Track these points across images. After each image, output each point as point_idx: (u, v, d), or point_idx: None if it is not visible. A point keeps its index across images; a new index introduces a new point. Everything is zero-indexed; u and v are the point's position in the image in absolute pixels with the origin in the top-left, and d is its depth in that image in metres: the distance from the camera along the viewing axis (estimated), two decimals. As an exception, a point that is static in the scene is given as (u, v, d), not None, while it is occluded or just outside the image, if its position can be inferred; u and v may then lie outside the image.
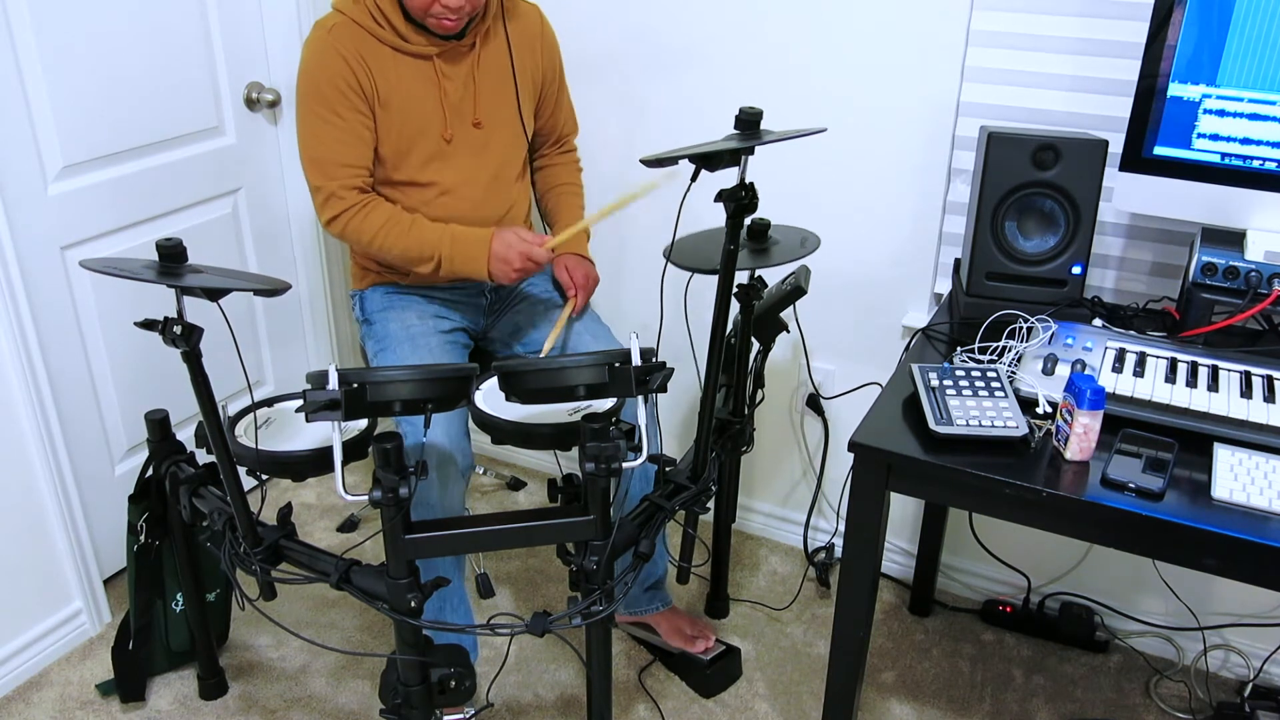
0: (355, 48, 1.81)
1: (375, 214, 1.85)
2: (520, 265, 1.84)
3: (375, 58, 1.83)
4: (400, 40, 1.84)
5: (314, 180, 1.84)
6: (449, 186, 1.94)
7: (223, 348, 2.42)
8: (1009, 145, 1.69)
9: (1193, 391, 1.50)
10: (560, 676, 2.10)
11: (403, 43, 1.84)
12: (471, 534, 1.52)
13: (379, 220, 1.85)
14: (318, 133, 1.82)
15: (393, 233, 1.85)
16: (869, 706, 2.04)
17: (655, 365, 1.47)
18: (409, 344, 1.91)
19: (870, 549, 1.55)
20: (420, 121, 1.88)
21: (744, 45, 2.11)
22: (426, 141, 1.90)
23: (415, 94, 1.87)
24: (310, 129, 1.83)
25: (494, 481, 2.75)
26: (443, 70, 1.88)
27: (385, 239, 1.85)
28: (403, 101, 1.86)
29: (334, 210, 1.84)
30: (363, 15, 1.82)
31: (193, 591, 1.94)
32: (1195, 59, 1.58)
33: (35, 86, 1.95)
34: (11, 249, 1.92)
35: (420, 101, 1.88)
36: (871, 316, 2.20)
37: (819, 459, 2.41)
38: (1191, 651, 2.14)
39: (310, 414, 1.34)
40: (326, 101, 1.81)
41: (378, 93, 1.84)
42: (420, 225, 1.87)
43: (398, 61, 1.85)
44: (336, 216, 1.85)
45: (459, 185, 1.94)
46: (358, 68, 1.81)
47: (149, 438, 1.81)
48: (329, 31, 1.82)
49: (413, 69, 1.86)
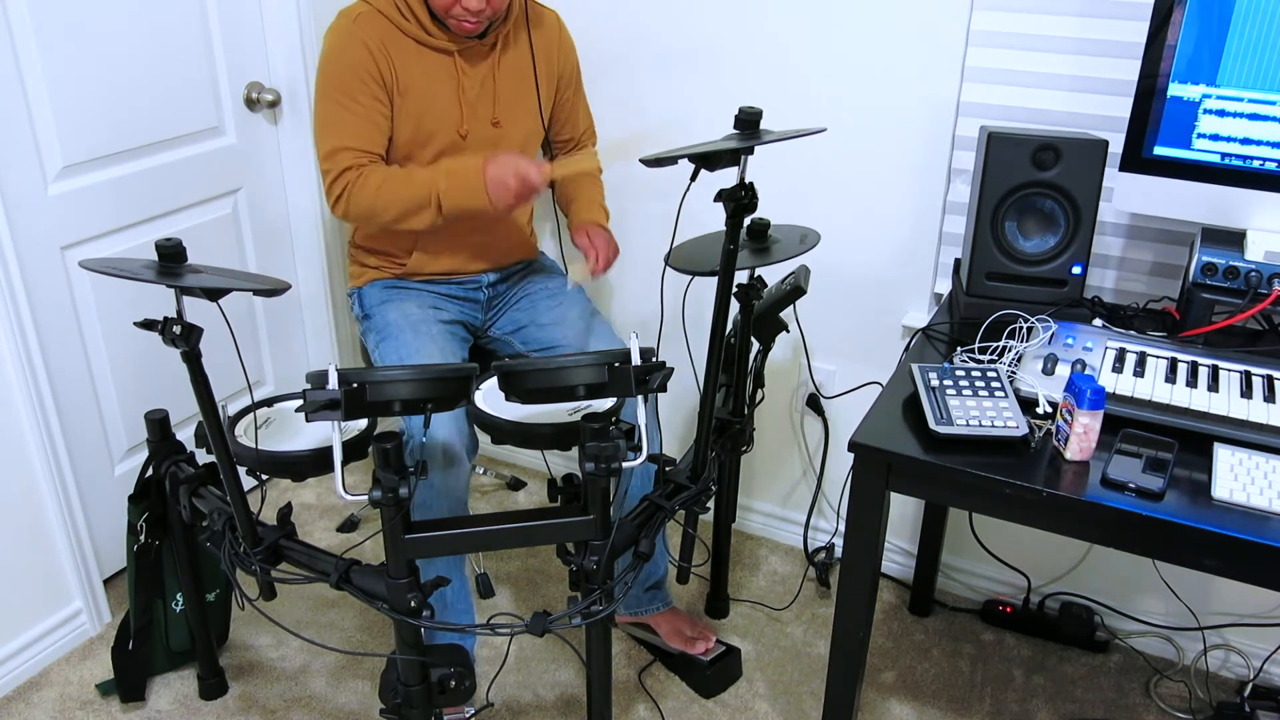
0: (379, 37, 1.83)
1: (373, 175, 1.84)
2: (516, 187, 1.79)
3: (398, 48, 1.85)
4: (424, 34, 1.86)
5: (324, 164, 1.86)
6: None
7: (223, 348, 2.42)
8: (1009, 145, 1.69)
9: (1193, 391, 1.50)
10: (560, 676, 2.10)
11: (426, 36, 1.86)
12: (471, 534, 1.52)
13: (377, 179, 1.84)
14: (335, 118, 1.83)
15: (391, 186, 1.83)
16: (869, 706, 2.04)
17: (655, 365, 1.47)
18: (410, 330, 1.91)
19: (870, 549, 1.55)
20: (437, 114, 1.90)
21: (744, 45, 2.11)
22: (442, 135, 1.92)
23: (434, 87, 1.89)
24: (328, 115, 1.84)
25: (494, 481, 2.75)
26: (463, 67, 1.90)
27: (386, 195, 1.83)
28: (421, 93, 1.88)
29: (338, 190, 1.85)
30: (388, 6, 1.85)
31: (193, 591, 1.94)
32: (1195, 59, 1.58)
33: (35, 86, 1.95)
34: (11, 249, 1.92)
35: (439, 95, 1.89)
36: (871, 316, 2.20)
37: (819, 459, 2.41)
38: (1191, 651, 2.14)
39: (310, 414, 1.34)
40: (345, 88, 1.82)
41: (398, 81, 1.85)
42: (413, 170, 1.87)
43: (420, 54, 1.87)
44: (340, 196, 1.85)
45: None
46: (379, 56, 1.83)
47: (149, 438, 1.81)
48: (354, 20, 1.84)
49: (434, 62, 1.88)
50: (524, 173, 1.78)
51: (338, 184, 1.84)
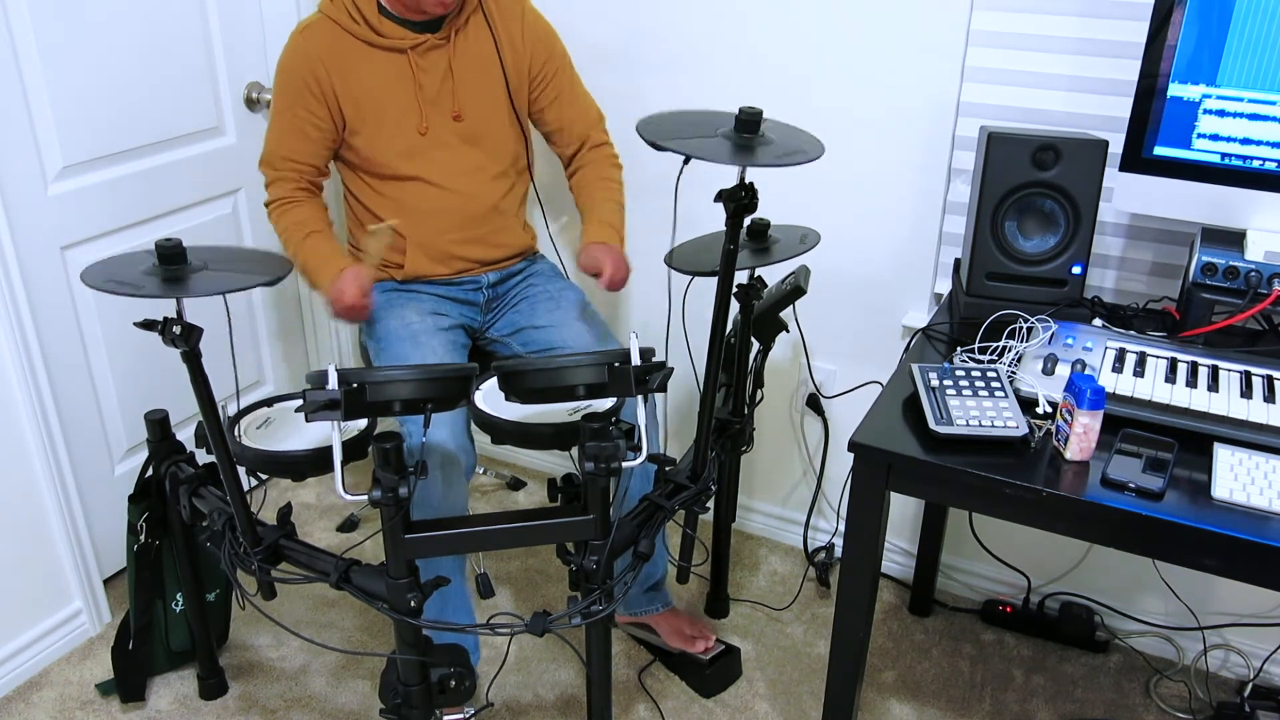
0: (327, 46, 1.88)
1: (290, 214, 1.96)
2: (349, 301, 1.80)
3: (347, 55, 1.88)
4: (374, 35, 1.88)
5: (261, 167, 1.98)
6: (431, 179, 1.96)
7: (223, 347, 2.42)
8: (1009, 145, 1.69)
9: (1193, 391, 1.50)
10: (560, 676, 2.10)
11: (376, 37, 1.89)
12: (471, 534, 1.52)
13: (286, 222, 1.95)
14: (273, 125, 1.94)
15: (289, 235, 1.94)
16: (869, 706, 2.04)
17: (655, 365, 1.47)
18: (409, 341, 1.91)
19: (870, 549, 1.55)
20: (395, 115, 1.92)
21: (744, 44, 2.11)
22: (402, 135, 1.93)
23: (388, 88, 1.91)
24: (270, 121, 1.95)
25: (494, 481, 2.75)
26: (417, 64, 1.91)
27: (284, 237, 1.96)
28: (376, 97, 1.90)
29: (268, 199, 1.98)
30: (339, 13, 1.89)
31: (193, 591, 1.94)
32: (1195, 59, 1.58)
33: (35, 86, 1.95)
34: (11, 249, 1.92)
35: (393, 95, 1.91)
36: (871, 316, 2.20)
37: (819, 459, 2.41)
38: (1191, 651, 2.14)
39: (310, 414, 1.34)
40: (283, 96, 1.91)
41: (343, 91, 1.89)
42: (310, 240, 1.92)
43: (370, 57, 1.89)
44: (268, 205, 1.98)
45: (440, 178, 1.96)
46: (320, 69, 1.88)
47: (149, 438, 1.81)
48: (302, 32, 1.91)
49: (386, 63, 1.90)
50: (350, 300, 1.80)
51: (270, 191, 1.97)
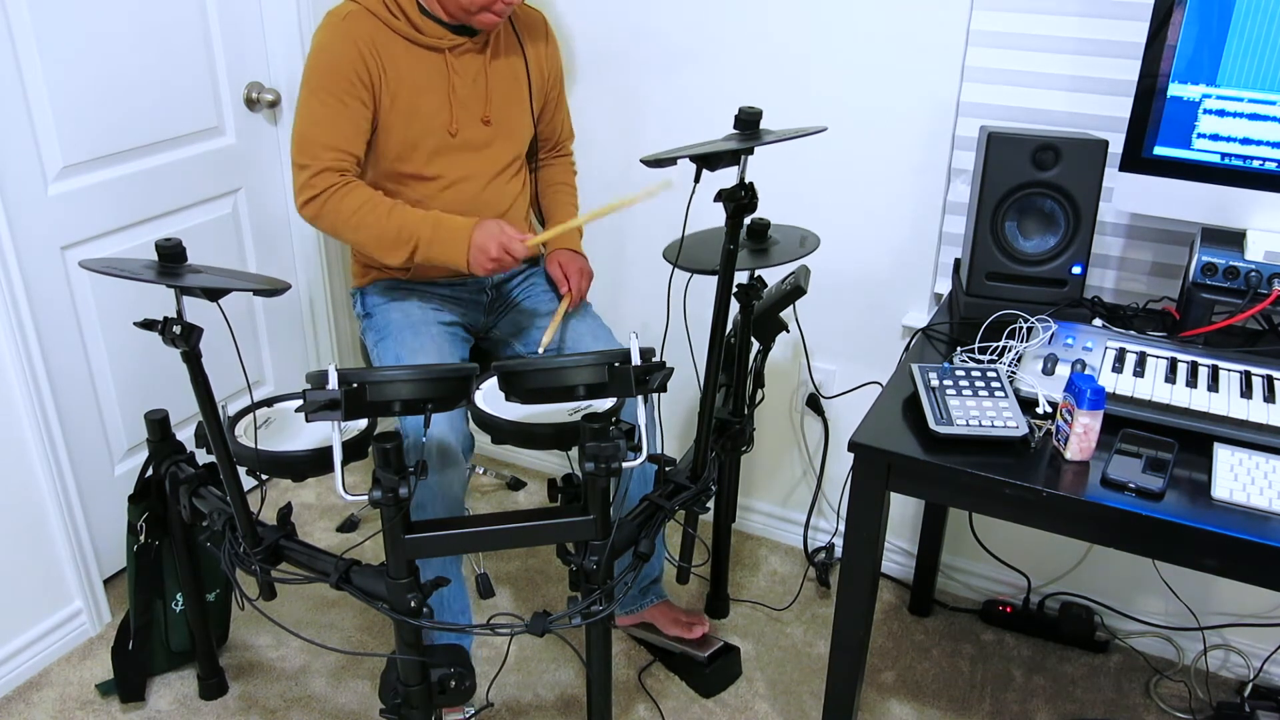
0: (369, 36, 1.83)
1: (355, 194, 1.84)
2: (497, 255, 1.80)
3: (387, 47, 1.84)
4: (414, 31, 1.86)
5: (299, 158, 1.83)
6: (453, 180, 1.95)
7: (223, 348, 2.42)
8: (1009, 145, 1.69)
9: (1193, 391, 1.50)
10: (560, 676, 2.10)
11: (416, 34, 1.86)
12: (471, 534, 1.52)
13: (357, 200, 1.83)
14: (314, 114, 1.83)
15: (370, 213, 1.83)
16: (869, 706, 2.04)
17: (655, 365, 1.47)
18: (410, 330, 1.91)
19: (870, 549, 1.55)
20: (428, 113, 1.90)
21: (744, 45, 2.11)
22: (432, 135, 1.91)
23: (424, 86, 1.88)
24: (308, 110, 1.83)
25: (494, 481, 2.75)
26: (454, 65, 1.90)
27: (362, 219, 1.82)
28: (411, 93, 1.87)
29: (314, 190, 1.82)
30: (377, 5, 1.84)
31: (193, 591, 1.94)
32: (1195, 59, 1.58)
33: (35, 86, 1.95)
34: (11, 249, 1.92)
35: (429, 94, 1.89)
36: (871, 316, 2.20)
37: (819, 459, 2.41)
38: (1191, 651, 2.14)
39: (310, 414, 1.34)
40: (330, 85, 1.81)
41: (387, 83, 1.85)
42: (402, 209, 1.86)
43: (410, 52, 1.87)
44: (315, 196, 1.82)
45: (463, 180, 1.95)
46: (369, 57, 1.82)
47: (149, 438, 1.81)
48: (343, 19, 1.83)
49: (424, 61, 1.88)
50: (507, 244, 1.80)
51: (316, 182, 1.82)
